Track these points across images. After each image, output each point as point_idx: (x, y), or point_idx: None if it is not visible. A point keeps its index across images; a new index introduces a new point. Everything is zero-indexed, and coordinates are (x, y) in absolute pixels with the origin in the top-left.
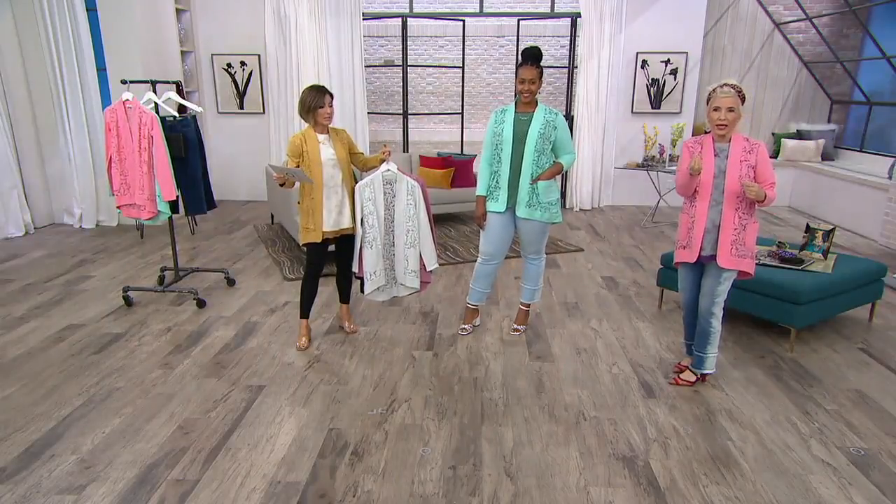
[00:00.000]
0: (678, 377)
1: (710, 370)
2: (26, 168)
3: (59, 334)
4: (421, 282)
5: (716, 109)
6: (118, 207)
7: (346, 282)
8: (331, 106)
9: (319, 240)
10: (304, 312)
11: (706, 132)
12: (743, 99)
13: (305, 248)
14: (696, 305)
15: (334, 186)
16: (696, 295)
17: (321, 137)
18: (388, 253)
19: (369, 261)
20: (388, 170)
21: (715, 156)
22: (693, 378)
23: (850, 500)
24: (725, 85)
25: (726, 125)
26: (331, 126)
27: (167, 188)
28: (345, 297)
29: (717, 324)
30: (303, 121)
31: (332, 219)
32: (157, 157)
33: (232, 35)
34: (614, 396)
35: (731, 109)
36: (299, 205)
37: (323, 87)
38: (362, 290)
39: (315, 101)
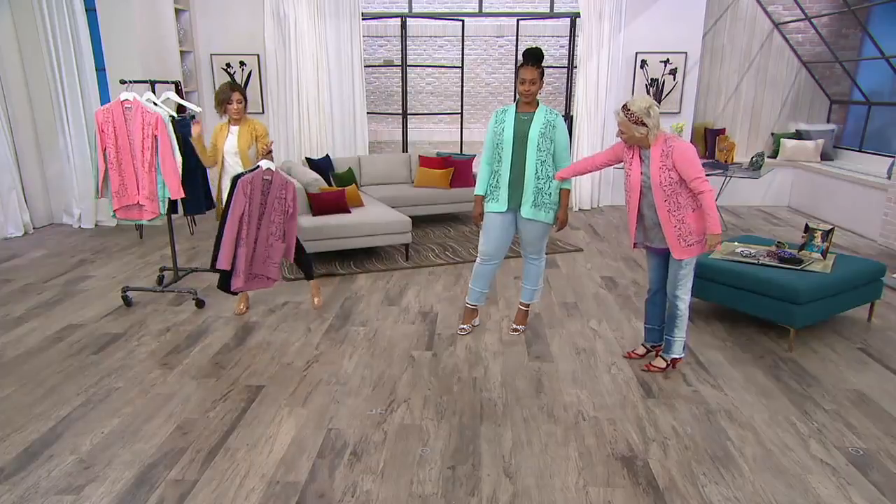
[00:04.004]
0: (650, 364)
1: (679, 355)
2: (25, 168)
3: (59, 334)
4: (268, 277)
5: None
6: (115, 211)
7: (307, 261)
8: (239, 102)
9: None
10: None
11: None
12: (637, 121)
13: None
14: (659, 287)
15: (233, 173)
16: (659, 276)
17: (233, 129)
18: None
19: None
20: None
21: (641, 161)
22: (663, 364)
23: (848, 500)
24: (622, 108)
25: (624, 142)
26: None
27: (174, 187)
28: (309, 273)
29: (683, 307)
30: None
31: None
32: (162, 156)
33: (231, 35)
34: (613, 396)
35: (621, 132)
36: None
37: (234, 83)
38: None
39: (224, 96)
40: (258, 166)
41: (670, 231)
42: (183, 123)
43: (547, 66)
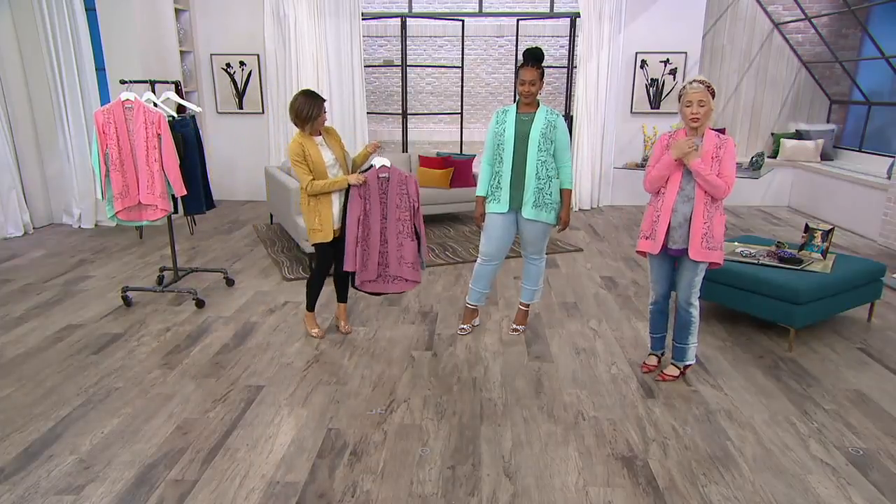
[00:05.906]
0: (663, 373)
1: (692, 361)
2: (25, 168)
3: (58, 334)
4: (406, 279)
5: (688, 105)
6: (116, 213)
7: (344, 281)
8: (325, 111)
9: (329, 239)
10: (312, 306)
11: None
12: (713, 94)
13: (315, 248)
14: (667, 297)
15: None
16: (668, 287)
17: (318, 140)
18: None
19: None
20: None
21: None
22: (676, 372)
23: (848, 500)
24: (695, 81)
25: (699, 118)
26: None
27: (178, 185)
28: (343, 296)
29: (696, 313)
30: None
31: (339, 218)
32: (167, 154)
33: (231, 35)
34: (613, 396)
35: (701, 103)
36: (303, 206)
37: (315, 93)
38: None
39: (315, 111)
40: (371, 165)
41: (698, 227)
42: (183, 123)
43: (547, 66)
